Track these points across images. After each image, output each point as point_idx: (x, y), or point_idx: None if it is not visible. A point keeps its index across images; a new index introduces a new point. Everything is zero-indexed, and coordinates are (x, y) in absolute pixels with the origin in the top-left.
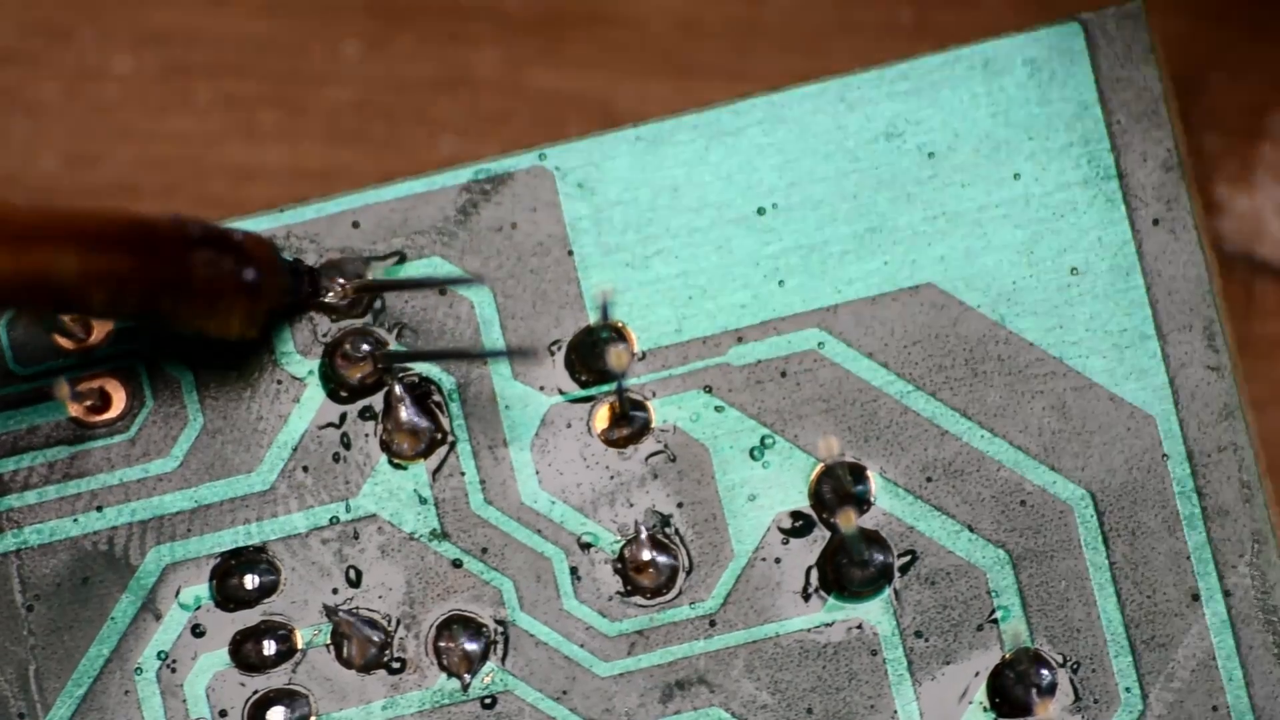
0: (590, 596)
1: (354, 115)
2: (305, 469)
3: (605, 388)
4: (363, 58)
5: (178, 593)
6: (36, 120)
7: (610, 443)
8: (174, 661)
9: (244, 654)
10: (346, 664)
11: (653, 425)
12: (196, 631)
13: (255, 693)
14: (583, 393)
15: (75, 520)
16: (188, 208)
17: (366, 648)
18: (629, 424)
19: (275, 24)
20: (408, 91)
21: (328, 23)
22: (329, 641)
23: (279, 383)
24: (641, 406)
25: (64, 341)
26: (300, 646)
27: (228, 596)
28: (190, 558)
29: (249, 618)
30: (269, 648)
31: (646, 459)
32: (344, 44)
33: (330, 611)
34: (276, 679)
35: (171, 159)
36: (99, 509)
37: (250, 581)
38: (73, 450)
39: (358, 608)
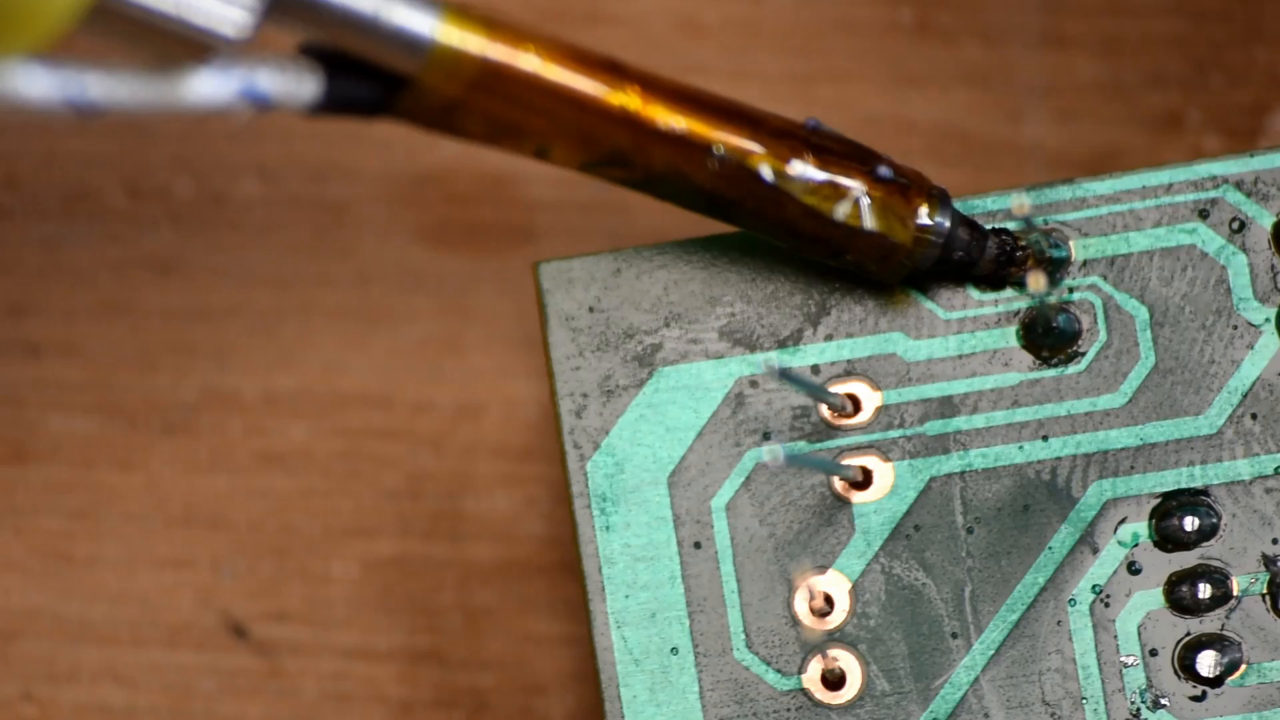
0: None
1: None
2: (1254, 416)
3: None
4: None
5: (1116, 528)
6: None
7: None
8: (1108, 596)
9: (1178, 595)
10: None
11: None
12: (1133, 569)
13: (1187, 634)
14: None
15: (1021, 448)
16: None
17: None
18: None
19: None
20: None
21: None
22: (1265, 591)
23: (1234, 328)
24: None
25: (1034, 278)
26: (1236, 594)
27: (1166, 537)
28: (1132, 495)
29: (1185, 559)
30: (1204, 591)
31: None
32: None
33: (1269, 561)
34: (1209, 623)
35: None
36: (1045, 438)
37: (1190, 524)
38: (1023, 378)
39: None
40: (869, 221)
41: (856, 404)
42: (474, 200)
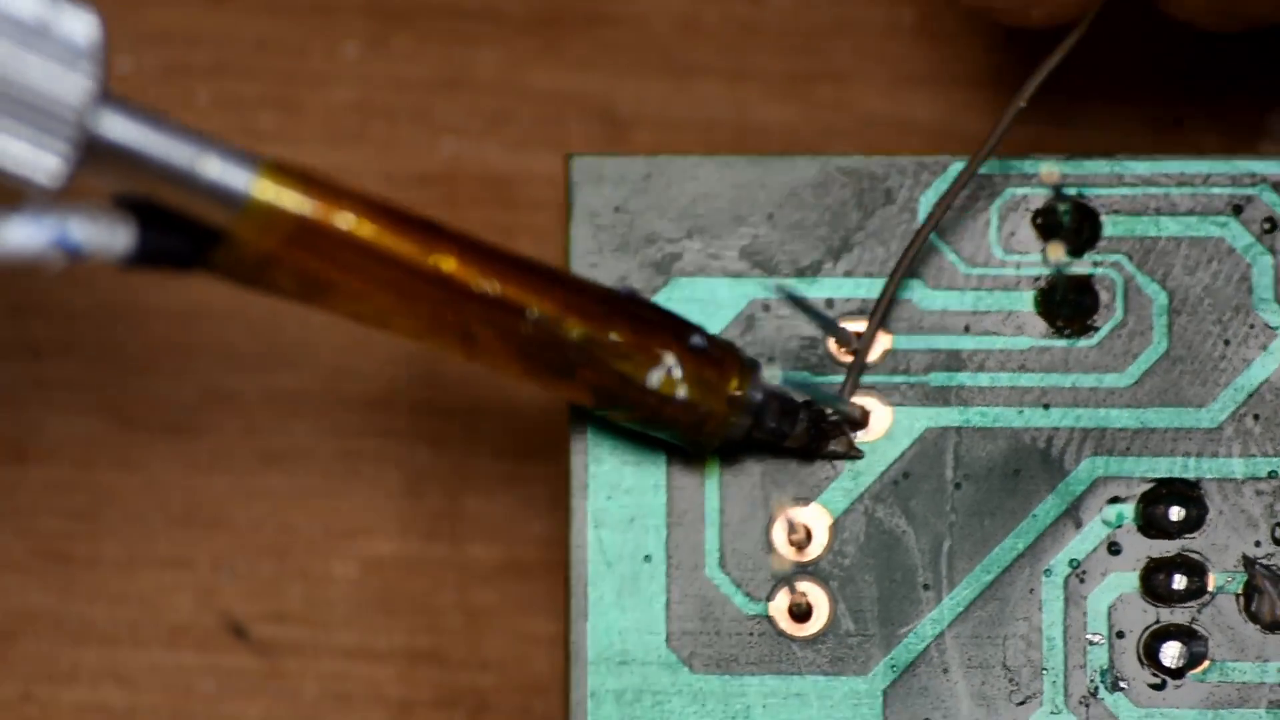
0: None
1: (354, 115)
2: (1256, 417)
3: None
4: (362, 58)
5: (1103, 507)
6: None
7: None
8: (1084, 572)
9: (1153, 582)
10: (1253, 618)
11: None
12: (1113, 549)
13: (1156, 622)
14: None
15: (1020, 412)
16: None
17: (1277, 608)
18: None
19: (275, 24)
20: (407, 91)
21: (328, 23)
22: (1240, 591)
23: (1250, 327)
24: None
25: (1052, 246)
26: (1211, 589)
27: (1151, 522)
28: (1123, 475)
29: (1166, 547)
30: (1179, 582)
31: None
32: (344, 44)
33: (1249, 563)
34: (1180, 615)
35: None
36: (1045, 407)
37: (1176, 513)
38: (1033, 344)
39: (1276, 566)
40: (681, 390)
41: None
42: (474, 200)
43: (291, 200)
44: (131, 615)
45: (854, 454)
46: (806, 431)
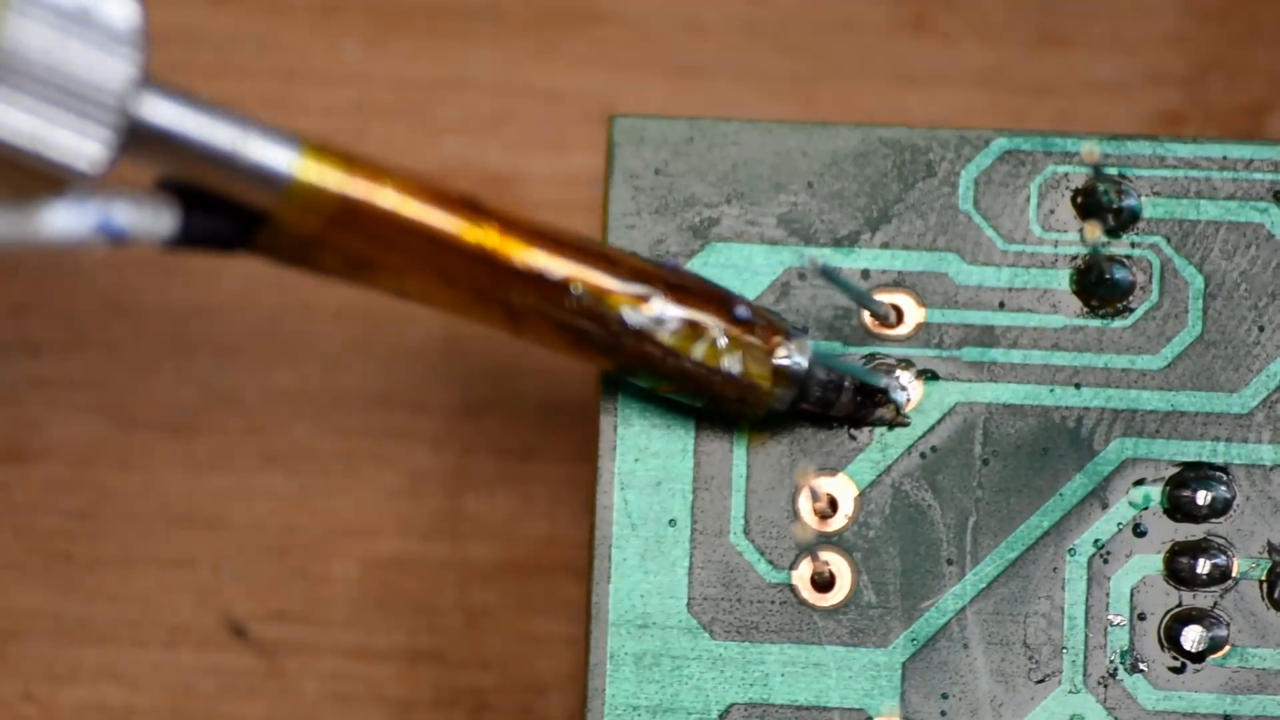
0: None
1: (353, 115)
2: None
3: None
4: (362, 58)
5: (1130, 488)
6: None
7: None
8: (1108, 553)
9: (1177, 565)
10: (1276, 605)
11: None
12: (1138, 531)
13: (1178, 605)
14: None
15: (1051, 390)
16: None
17: None
18: None
19: (275, 24)
20: (407, 91)
21: (328, 23)
22: (1264, 578)
23: None
24: None
25: (1090, 226)
26: (1235, 575)
27: (1177, 506)
28: (1152, 458)
29: (1192, 531)
30: (1203, 566)
31: None
32: (344, 44)
33: (1274, 549)
34: (1202, 599)
35: None
36: (1077, 386)
37: (1203, 497)
38: (1068, 323)
39: None
40: (726, 361)
41: (899, 315)
42: None
43: (334, 180)
44: (131, 615)
45: (901, 421)
46: (852, 400)
